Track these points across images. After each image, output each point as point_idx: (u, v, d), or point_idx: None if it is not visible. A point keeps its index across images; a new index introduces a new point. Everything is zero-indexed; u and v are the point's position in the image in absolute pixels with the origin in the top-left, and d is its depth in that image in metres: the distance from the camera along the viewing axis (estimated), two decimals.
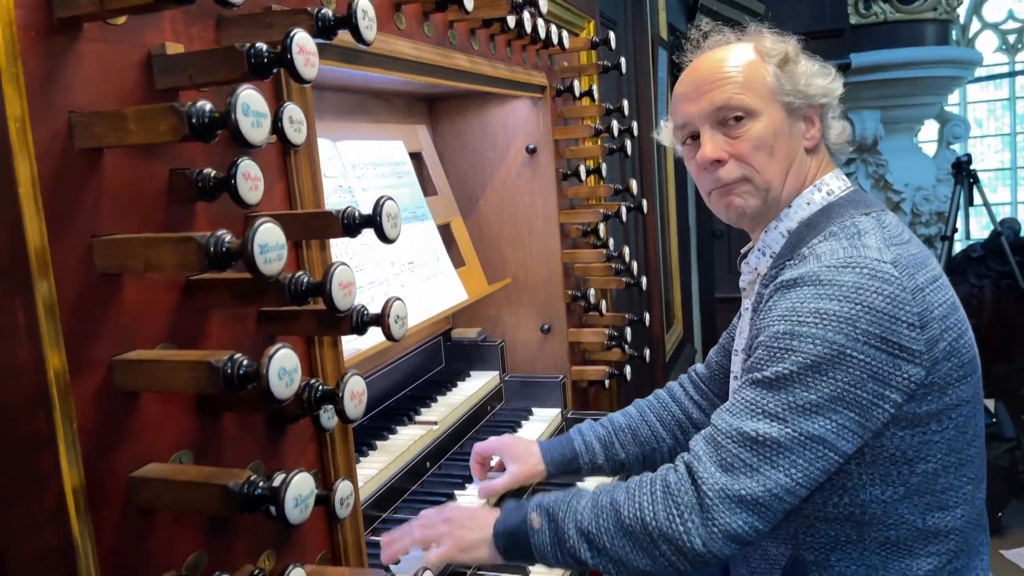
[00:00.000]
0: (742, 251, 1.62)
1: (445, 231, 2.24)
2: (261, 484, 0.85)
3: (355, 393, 0.97)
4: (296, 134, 1.01)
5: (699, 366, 1.96)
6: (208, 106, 0.79)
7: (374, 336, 1.66)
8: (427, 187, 2.25)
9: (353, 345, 1.58)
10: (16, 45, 0.76)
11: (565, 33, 2.19)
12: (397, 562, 1.49)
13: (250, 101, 0.80)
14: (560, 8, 2.38)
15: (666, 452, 1.85)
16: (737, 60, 1.47)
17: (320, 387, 0.96)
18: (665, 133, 1.66)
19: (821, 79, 1.48)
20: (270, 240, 0.81)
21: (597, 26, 2.70)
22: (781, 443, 1.27)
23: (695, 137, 1.50)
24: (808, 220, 1.46)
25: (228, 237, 0.81)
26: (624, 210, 2.42)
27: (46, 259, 0.77)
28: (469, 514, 1.48)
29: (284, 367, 0.82)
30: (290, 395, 0.84)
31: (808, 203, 1.48)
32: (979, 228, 8.12)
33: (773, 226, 1.50)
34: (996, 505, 4.25)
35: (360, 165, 1.91)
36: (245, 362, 0.82)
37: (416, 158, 2.23)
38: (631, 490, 1.36)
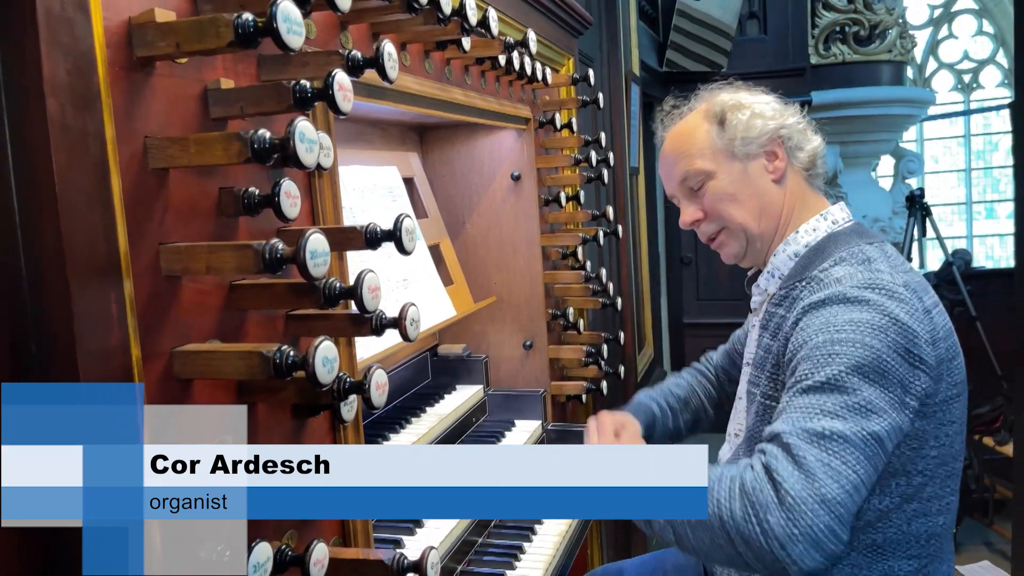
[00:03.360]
0: (748, 274, 1.78)
1: (435, 252, 2.38)
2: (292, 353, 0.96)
3: (379, 384, 1.10)
4: (326, 159, 1.16)
5: (712, 353, 2.15)
6: (268, 134, 0.94)
7: (372, 347, 1.80)
8: (418, 210, 2.39)
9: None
10: (107, 79, 0.90)
11: (548, 70, 2.36)
12: None
13: (305, 130, 0.94)
14: (543, 47, 2.56)
15: (707, 425, 2.04)
16: (686, 133, 1.67)
17: (348, 379, 1.09)
18: None
19: (759, 119, 1.61)
20: (318, 247, 0.95)
21: (576, 63, 2.88)
22: (847, 437, 1.28)
23: None
24: (816, 245, 1.59)
25: (280, 245, 0.95)
26: (601, 234, 2.58)
27: (128, 262, 0.90)
28: None
29: (327, 356, 0.96)
30: (331, 380, 0.97)
31: (814, 229, 1.61)
32: (936, 260, 8.44)
33: (781, 249, 1.63)
34: None
35: (359, 188, 2.06)
36: (292, 352, 0.96)
37: (408, 183, 2.38)
38: (711, 485, 1.33)
